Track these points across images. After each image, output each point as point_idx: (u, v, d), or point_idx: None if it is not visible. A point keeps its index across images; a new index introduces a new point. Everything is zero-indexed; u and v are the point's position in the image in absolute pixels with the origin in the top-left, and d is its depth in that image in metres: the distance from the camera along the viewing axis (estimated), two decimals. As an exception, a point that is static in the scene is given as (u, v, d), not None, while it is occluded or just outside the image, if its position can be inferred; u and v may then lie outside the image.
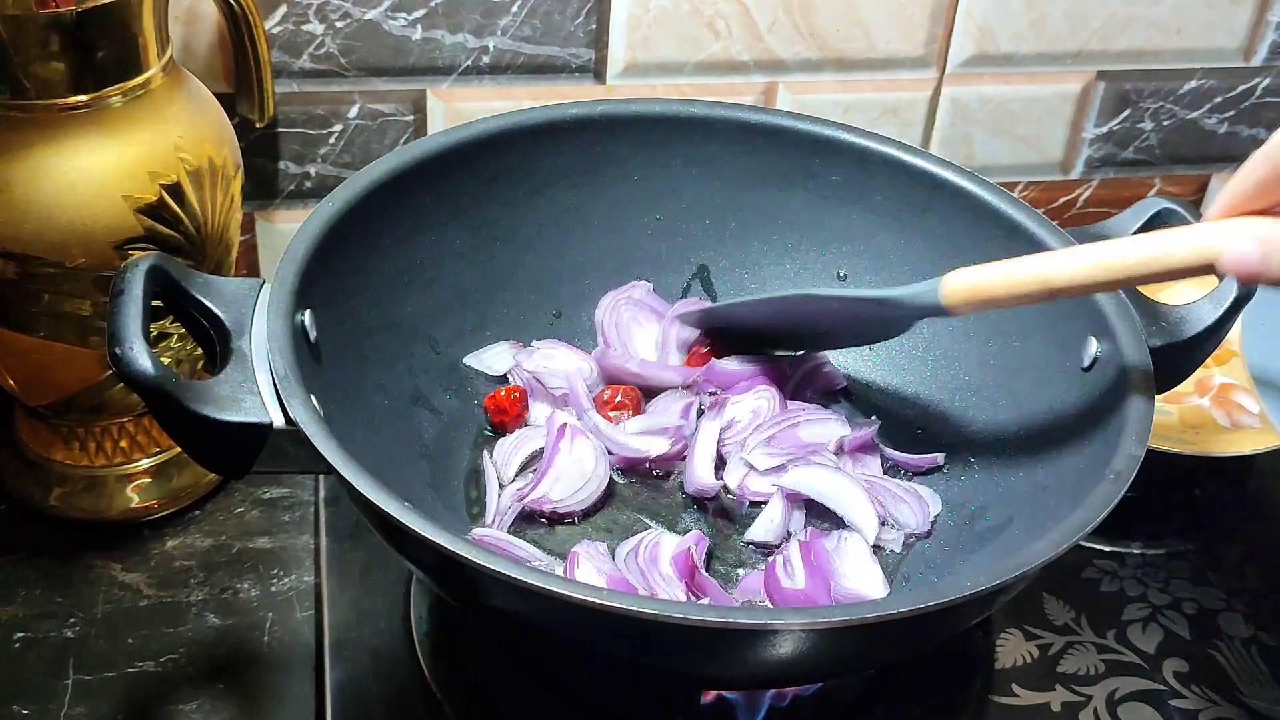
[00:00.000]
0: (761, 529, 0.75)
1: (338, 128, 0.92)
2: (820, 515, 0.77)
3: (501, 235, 0.81)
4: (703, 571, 0.71)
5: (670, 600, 0.68)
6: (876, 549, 0.74)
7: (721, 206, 0.84)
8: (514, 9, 0.89)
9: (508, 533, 0.75)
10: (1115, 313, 0.69)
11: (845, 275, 0.84)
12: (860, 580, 0.71)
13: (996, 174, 1.02)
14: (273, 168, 0.92)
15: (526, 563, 0.71)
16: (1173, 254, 0.60)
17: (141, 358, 0.58)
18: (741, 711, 0.70)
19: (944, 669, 0.75)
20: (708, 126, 0.82)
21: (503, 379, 0.82)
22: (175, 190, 0.72)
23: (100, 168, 0.70)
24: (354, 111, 0.91)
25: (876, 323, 0.76)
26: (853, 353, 0.85)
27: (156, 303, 0.62)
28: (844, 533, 0.74)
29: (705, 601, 0.70)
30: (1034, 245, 0.74)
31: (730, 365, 0.82)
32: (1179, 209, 0.73)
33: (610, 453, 0.78)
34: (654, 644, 0.58)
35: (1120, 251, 0.62)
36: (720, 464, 0.79)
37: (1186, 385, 0.91)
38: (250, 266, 0.96)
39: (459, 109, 0.92)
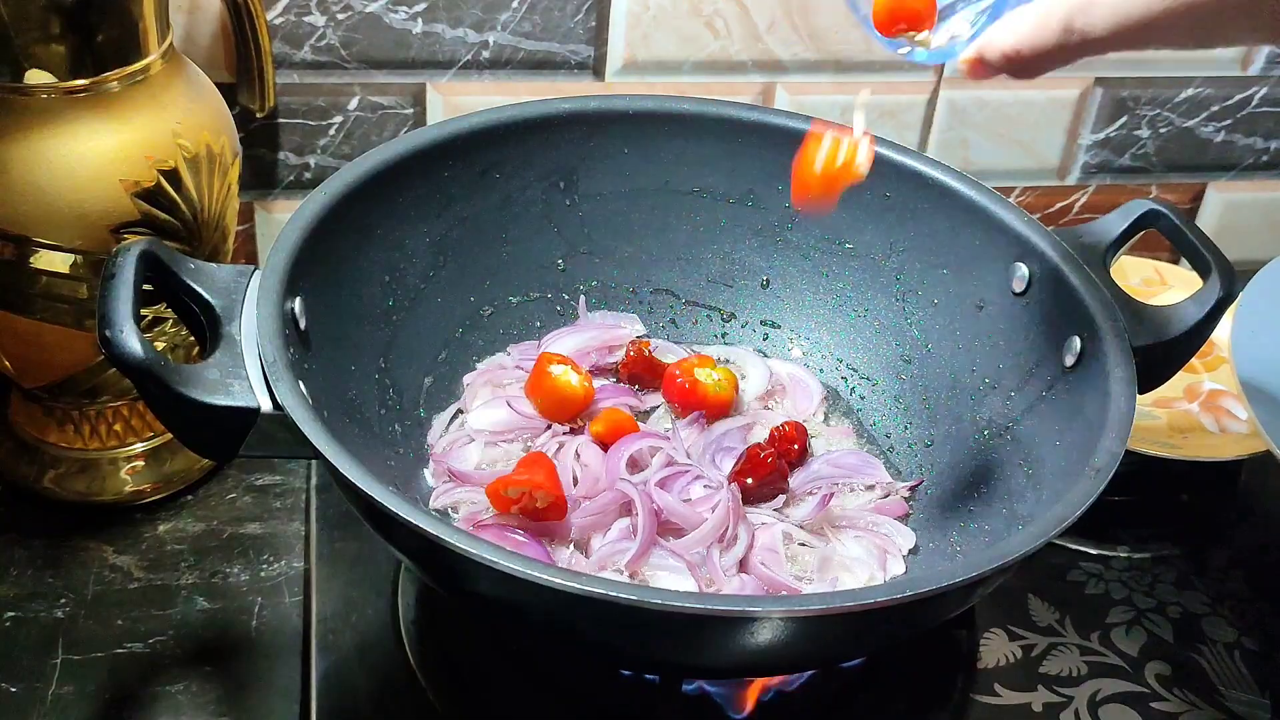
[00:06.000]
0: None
1: (338, 119, 0.92)
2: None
3: (494, 228, 0.82)
4: None
5: (650, 587, 0.69)
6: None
7: (713, 202, 0.84)
8: (514, 4, 0.90)
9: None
10: (1099, 312, 0.70)
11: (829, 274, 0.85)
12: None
13: (993, 178, 1.02)
14: (272, 158, 0.93)
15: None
16: None
17: (130, 340, 0.58)
18: (726, 706, 0.70)
19: (928, 667, 0.75)
20: (700, 123, 0.82)
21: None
22: (172, 176, 0.73)
23: (98, 152, 0.71)
24: (354, 104, 0.92)
25: None
26: (839, 354, 0.86)
27: (148, 287, 0.62)
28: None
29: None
30: (1026, 249, 0.75)
31: None
32: (1165, 210, 0.73)
33: None
34: (632, 629, 0.58)
35: None
36: None
37: (1176, 390, 0.91)
38: (249, 256, 0.97)
39: (458, 103, 0.93)
